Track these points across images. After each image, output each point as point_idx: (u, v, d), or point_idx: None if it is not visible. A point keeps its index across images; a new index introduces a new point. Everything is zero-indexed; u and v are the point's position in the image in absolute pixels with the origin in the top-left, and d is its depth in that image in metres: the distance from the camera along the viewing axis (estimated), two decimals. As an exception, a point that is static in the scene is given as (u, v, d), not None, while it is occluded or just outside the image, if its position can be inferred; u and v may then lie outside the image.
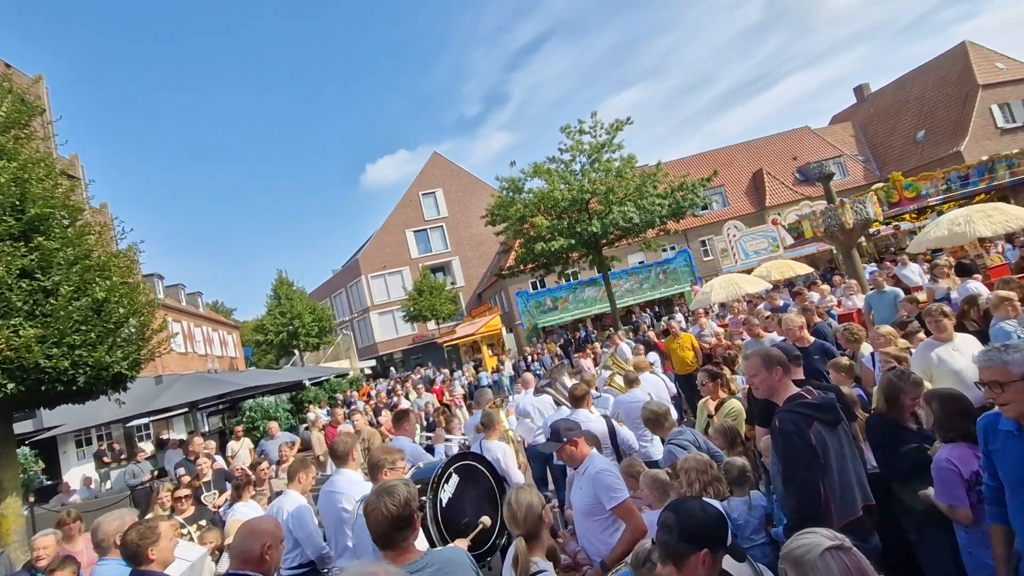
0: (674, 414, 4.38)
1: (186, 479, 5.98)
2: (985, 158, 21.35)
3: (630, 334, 15.60)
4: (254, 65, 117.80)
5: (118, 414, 9.39)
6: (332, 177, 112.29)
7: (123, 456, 13.07)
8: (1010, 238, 11.56)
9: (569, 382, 6.27)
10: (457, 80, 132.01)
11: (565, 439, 3.21)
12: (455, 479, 3.43)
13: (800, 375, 3.80)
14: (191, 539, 4.50)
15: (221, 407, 17.68)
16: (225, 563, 4.04)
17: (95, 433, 15.65)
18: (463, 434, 6.56)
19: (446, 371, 19.45)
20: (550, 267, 20.20)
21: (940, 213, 15.52)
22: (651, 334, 12.45)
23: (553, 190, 18.23)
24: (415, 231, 38.79)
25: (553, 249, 18.00)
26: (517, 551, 2.39)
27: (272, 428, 8.82)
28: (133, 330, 6.30)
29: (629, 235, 19.01)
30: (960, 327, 4.96)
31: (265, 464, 6.23)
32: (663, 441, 4.22)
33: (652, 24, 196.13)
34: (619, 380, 6.47)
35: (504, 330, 28.31)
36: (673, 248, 28.29)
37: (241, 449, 9.77)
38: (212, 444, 8.23)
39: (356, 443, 3.98)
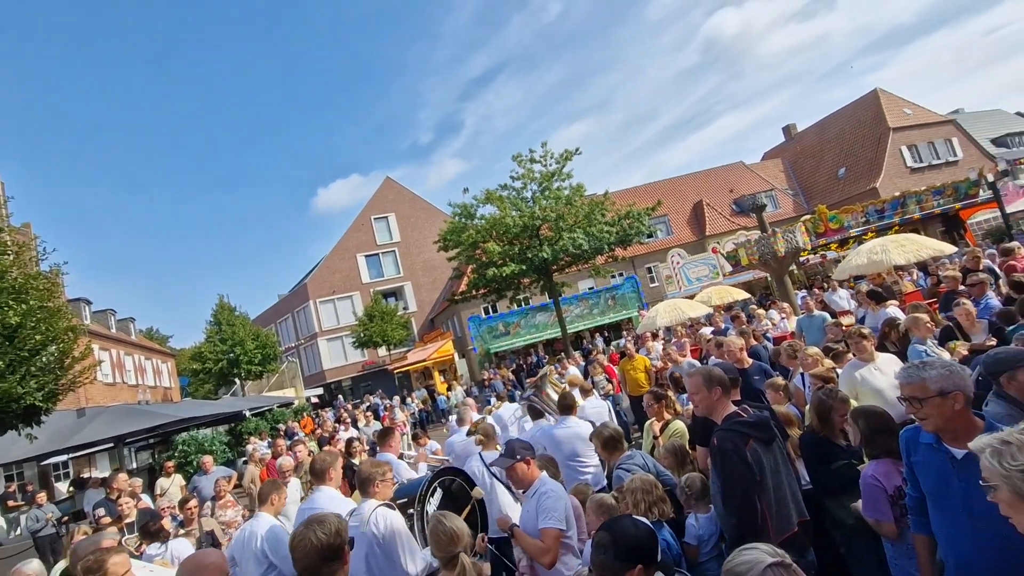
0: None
1: (106, 520, 5.50)
2: (897, 194, 23.39)
3: (580, 359, 15.82)
4: (203, 84, 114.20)
5: (31, 451, 8.60)
6: (282, 200, 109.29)
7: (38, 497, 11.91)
8: (923, 266, 12.63)
9: (553, 393, 6.18)
10: (411, 108, 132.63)
11: (519, 456, 3.18)
12: (439, 493, 3.41)
13: (737, 396, 3.95)
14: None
15: (152, 441, 16.50)
16: None
17: (3, 473, 14.21)
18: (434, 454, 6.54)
19: (388, 401, 18.96)
20: (502, 292, 20.33)
21: (861, 243, 16.79)
22: (601, 358, 12.68)
23: (505, 216, 18.51)
24: (367, 255, 38.16)
25: (505, 274, 18.17)
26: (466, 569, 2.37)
27: (206, 462, 8.30)
28: (51, 358, 5.81)
29: (579, 261, 19.47)
30: (882, 348, 5.39)
31: (194, 502, 5.80)
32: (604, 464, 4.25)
33: (598, 62, 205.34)
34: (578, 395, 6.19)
35: (456, 355, 28.05)
36: (621, 274, 29.13)
37: (171, 486, 9.13)
38: (138, 481, 7.63)
39: (337, 461, 3.89)
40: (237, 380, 25.96)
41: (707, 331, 10.77)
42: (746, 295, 17.81)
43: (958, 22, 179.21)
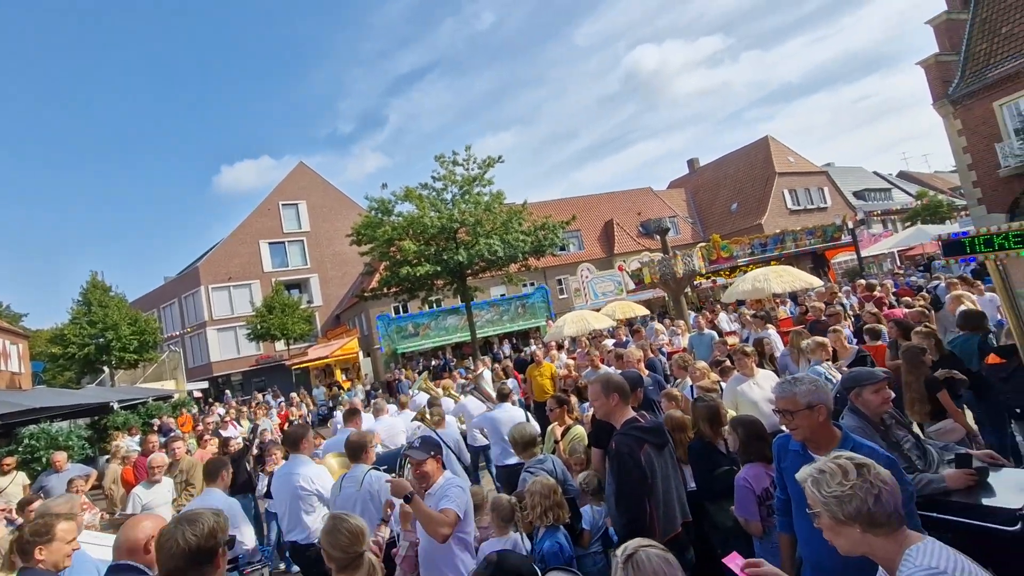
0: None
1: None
2: (778, 231, 26.21)
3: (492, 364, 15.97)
4: (98, 39, 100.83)
5: None
6: (178, 173, 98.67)
7: None
8: (794, 296, 14.25)
9: (490, 388, 7.63)
10: (334, 95, 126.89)
11: (432, 452, 3.18)
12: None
13: (641, 397, 4.17)
14: None
15: (-11, 434, 14.21)
16: None
17: None
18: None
19: (288, 396, 17.89)
20: (414, 292, 20.00)
21: (746, 272, 18.60)
22: (507, 363, 12.90)
23: (423, 216, 18.27)
24: (271, 243, 35.73)
25: (418, 274, 17.91)
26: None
27: (57, 460, 7.23)
28: None
29: (493, 267, 19.67)
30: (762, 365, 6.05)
31: (38, 503, 5.06)
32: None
33: (527, 77, 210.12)
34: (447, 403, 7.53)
35: (361, 354, 27.08)
36: (533, 284, 29.83)
37: (10, 485, 7.91)
38: None
39: (309, 432, 4.34)
40: (106, 368, 23.02)
41: (609, 343, 11.37)
42: (646, 311, 18.99)
43: (834, 88, 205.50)
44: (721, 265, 23.66)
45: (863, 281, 12.71)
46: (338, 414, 9.60)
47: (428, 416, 5.96)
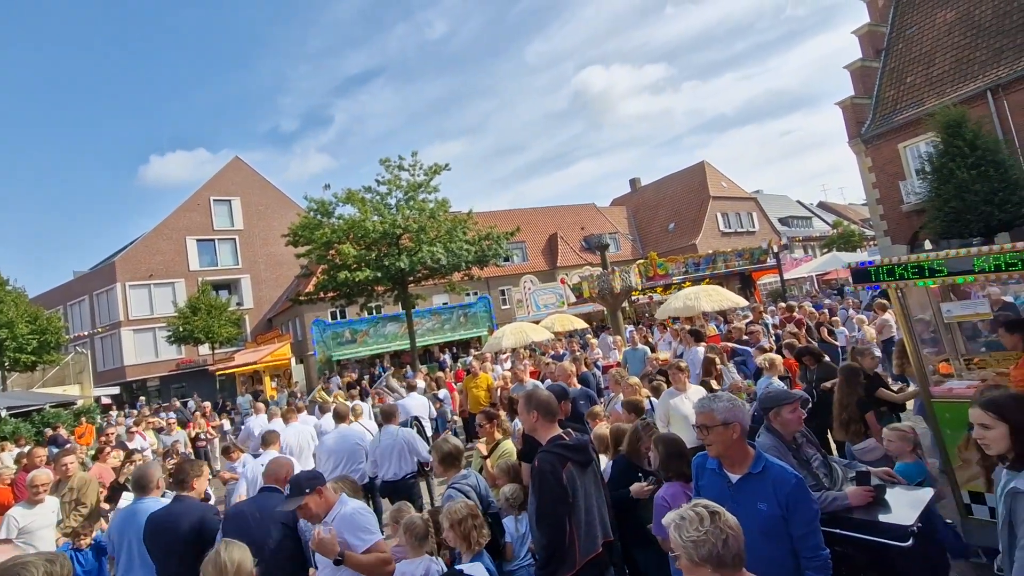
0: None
1: None
2: (711, 252, 27.56)
3: (430, 374, 15.71)
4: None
5: None
6: (100, 159, 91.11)
7: None
8: (723, 314, 14.97)
9: (398, 385, 8.76)
10: (276, 90, 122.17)
11: (307, 490, 2.89)
12: None
13: (568, 409, 4.16)
14: None
15: None
16: None
17: None
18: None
19: (205, 404, 16.77)
20: (353, 298, 19.38)
21: (680, 289, 19.39)
22: (440, 374, 12.74)
23: (365, 220, 17.79)
24: (199, 240, 33.59)
25: (358, 280, 17.36)
26: None
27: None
28: None
29: (436, 275, 19.41)
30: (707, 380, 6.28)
31: None
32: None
33: (477, 88, 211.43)
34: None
35: (293, 360, 25.90)
36: (475, 293, 29.76)
37: None
38: None
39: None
40: (-2, 370, 20.70)
41: (547, 357, 11.46)
42: (585, 325, 19.35)
43: (763, 122, 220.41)
44: (657, 282, 24.56)
45: (783, 304, 13.58)
46: (249, 421, 9.21)
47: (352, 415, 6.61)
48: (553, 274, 32.63)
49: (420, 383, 11.35)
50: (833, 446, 5.31)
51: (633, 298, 24.24)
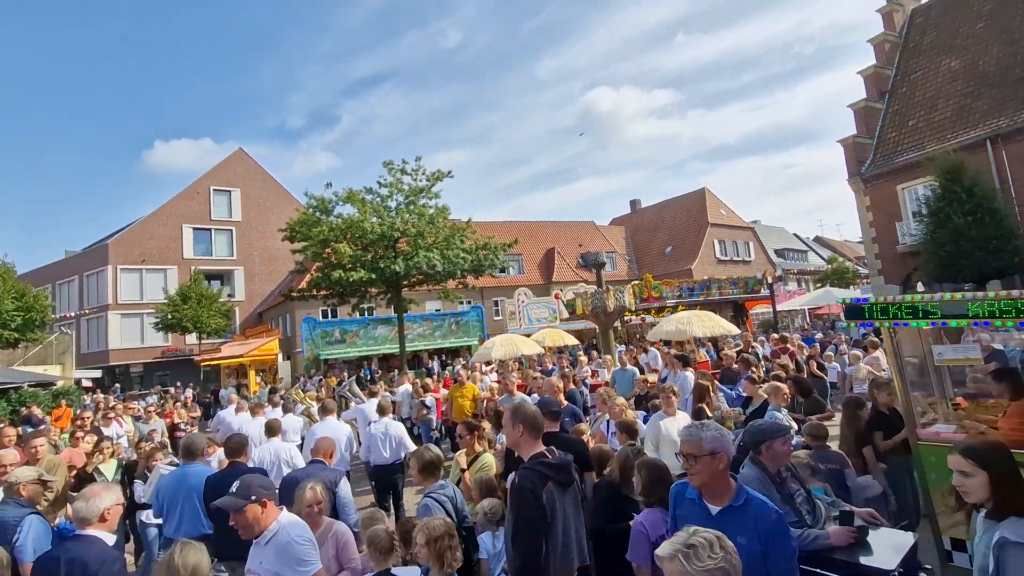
0: None
1: None
2: (706, 278, 27.68)
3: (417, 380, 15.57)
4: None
5: None
6: (105, 139, 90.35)
7: None
8: (713, 341, 14.97)
9: (359, 389, 8.80)
10: (286, 87, 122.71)
11: (253, 497, 2.73)
12: None
13: (555, 427, 4.04)
14: None
15: None
16: None
17: None
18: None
19: (186, 394, 16.52)
20: (345, 298, 19.27)
21: (673, 313, 19.41)
22: (427, 381, 12.62)
23: (363, 220, 17.75)
24: (196, 228, 33.45)
25: (352, 280, 17.27)
26: None
27: None
28: None
29: (430, 281, 19.35)
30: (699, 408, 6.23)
31: None
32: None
33: (484, 100, 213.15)
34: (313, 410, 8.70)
35: (281, 356, 25.64)
36: (469, 302, 29.65)
37: None
38: None
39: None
40: (-23, 346, 20.34)
41: (535, 371, 11.39)
42: (576, 341, 19.29)
43: (766, 154, 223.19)
44: (651, 304, 24.58)
45: (776, 335, 13.58)
46: (221, 413, 9.44)
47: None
48: (548, 288, 32.62)
49: (407, 387, 11.25)
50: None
51: (626, 318, 24.24)
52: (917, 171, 17.39)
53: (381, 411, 6.92)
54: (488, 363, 13.91)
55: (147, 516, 5.67)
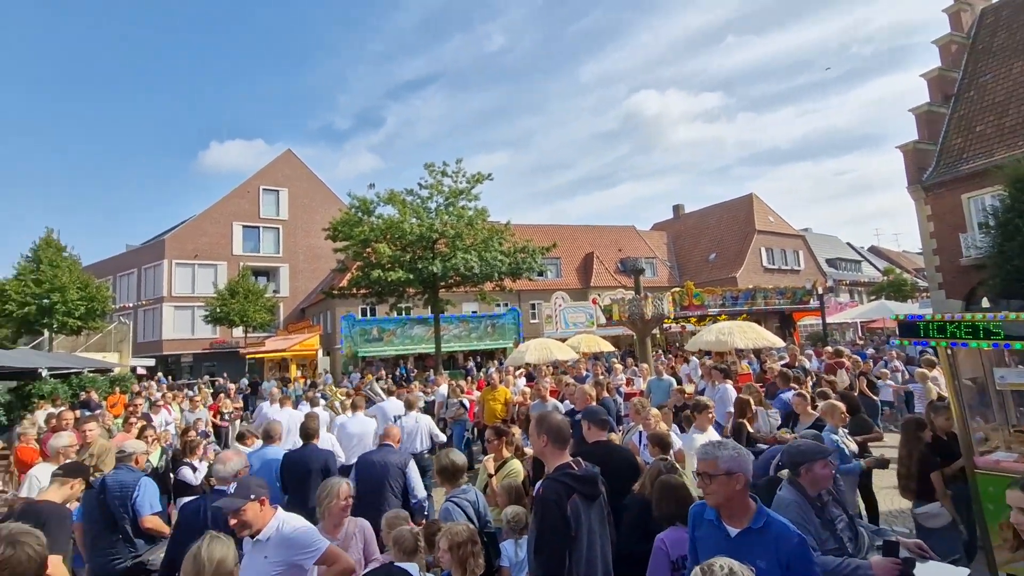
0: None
1: None
2: (751, 287, 26.79)
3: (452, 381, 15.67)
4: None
5: None
6: (164, 140, 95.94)
7: None
8: (757, 353, 14.44)
9: (380, 389, 9.44)
10: (334, 89, 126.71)
11: (253, 495, 2.81)
12: None
13: (603, 436, 3.95)
14: None
15: (-99, 385, 13.17)
16: None
17: None
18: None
19: (230, 386, 17.20)
20: (384, 297, 19.64)
21: (714, 322, 18.85)
22: (463, 382, 12.68)
23: (403, 221, 18.06)
24: (245, 226, 34.88)
25: (390, 279, 17.59)
26: None
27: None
28: None
29: (467, 283, 19.49)
30: (739, 425, 6.00)
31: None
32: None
33: (526, 103, 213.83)
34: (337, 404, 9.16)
35: (320, 352, 26.41)
36: (506, 305, 29.71)
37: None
38: None
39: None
40: (46, 332, 21.80)
41: (569, 377, 11.24)
42: (612, 348, 19.01)
43: (818, 159, 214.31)
44: (692, 312, 23.99)
45: (830, 348, 12.89)
46: (263, 406, 9.65)
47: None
48: (585, 293, 32.33)
49: (444, 388, 11.32)
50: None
51: (665, 326, 23.72)
52: (984, 179, 16.28)
53: (409, 406, 7.30)
54: (518, 368, 13.86)
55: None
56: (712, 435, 4.93)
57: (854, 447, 5.00)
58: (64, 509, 3.55)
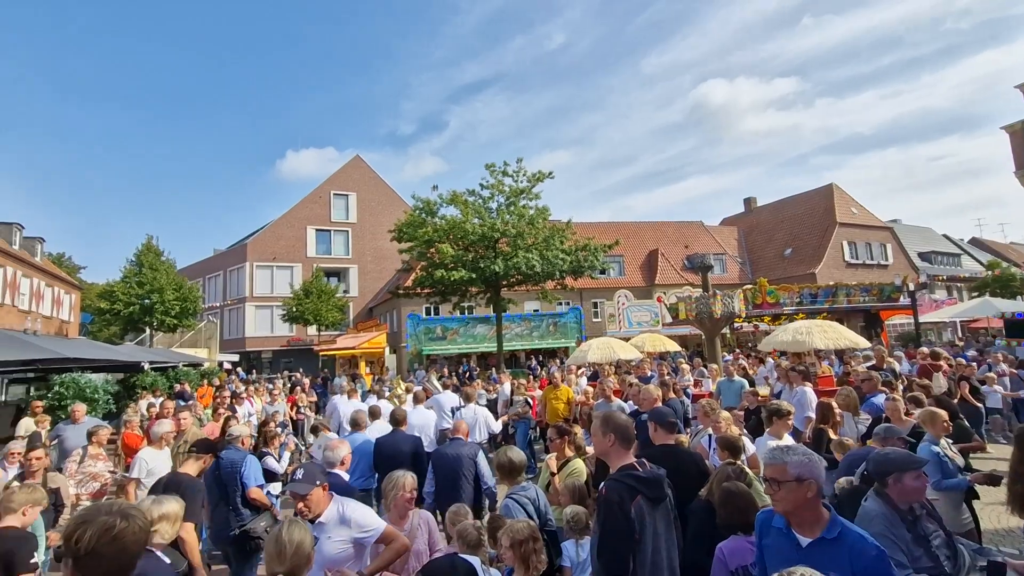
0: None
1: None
2: (832, 283, 25.03)
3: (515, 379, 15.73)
4: (188, 12, 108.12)
5: None
6: (245, 151, 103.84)
7: None
8: (839, 354, 13.43)
9: (437, 383, 9.88)
10: (398, 95, 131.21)
11: (318, 481, 3.06)
12: None
13: (670, 439, 3.86)
14: None
15: (31, 375, 14.97)
16: None
17: None
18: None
19: (305, 380, 18.16)
20: (447, 296, 20.03)
21: (791, 321, 17.74)
22: (524, 381, 12.65)
23: (465, 221, 18.32)
24: (317, 229, 36.83)
25: (453, 279, 17.91)
26: None
27: (76, 411, 7.44)
28: None
29: (529, 282, 19.49)
30: (820, 430, 5.56)
31: (40, 452, 5.19)
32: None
33: (587, 100, 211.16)
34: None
35: (388, 350, 27.36)
36: (567, 303, 29.47)
37: (35, 429, 8.24)
38: None
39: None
40: (147, 329, 24.09)
41: (633, 377, 10.94)
42: (678, 347, 18.37)
43: (908, 144, 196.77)
44: (765, 311, 22.73)
45: (926, 350, 11.66)
46: (335, 399, 10.02)
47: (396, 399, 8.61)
48: (650, 291, 31.48)
49: (507, 387, 11.37)
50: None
51: (736, 325, 22.64)
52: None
53: (467, 398, 7.77)
54: (580, 367, 13.66)
55: (274, 488, 6.25)
56: (788, 442, 4.60)
57: (960, 460, 4.49)
58: (198, 482, 4.09)
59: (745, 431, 6.19)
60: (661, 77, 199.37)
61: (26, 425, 8.25)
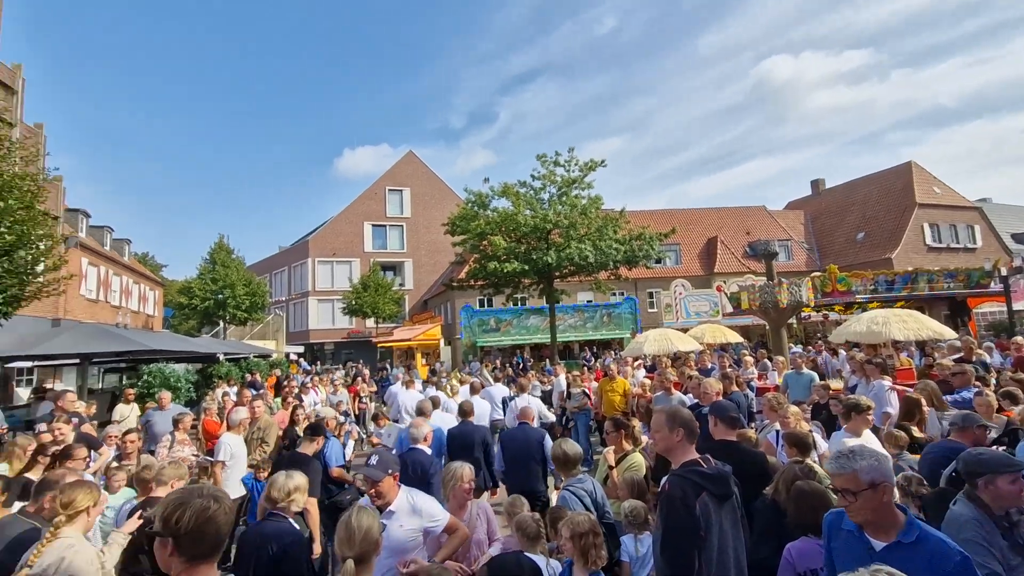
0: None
1: (46, 437, 5.34)
2: (911, 269, 23.22)
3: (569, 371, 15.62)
4: (251, 22, 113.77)
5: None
6: (306, 152, 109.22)
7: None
8: (921, 345, 12.44)
9: (488, 375, 10.31)
10: (449, 90, 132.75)
11: (390, 470, 3.13)
12: None
13: (731, 435, 3.72)
14: None
15: (123, 365, 16.37)
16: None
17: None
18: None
19: (365, 371, 18.83)
20: (500, 288, 20.16)
21: (864, 310, 16.61)
22: (577, 373, 12.50)
23: (517, 213, 18.32)
24: (374, 224, 38.02)
25: (506, 271, 17.99)
26: (344, 573, 2.26)
27: (163, 398, 8.10)
28: (21, 262, 5.57)
29: (582, 272, 19.29)
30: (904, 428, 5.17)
31: (134, 435, 5.68)
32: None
33: (639, 84, 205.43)
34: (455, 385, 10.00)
35: (442, 341, 27.90)
36: (622, 294, 28.97)
37: (131, 414, 9.01)
38: (81, 404, 7.54)
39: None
40: (221, 322, 25.81)
41: (692, 370, 10.60)
42: (739, 338, 17.64)
43: (998, 115, 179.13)
44: (835, 299, 21.41)
45: (1020, 339, 10.57)
46: (394, 388, 10.30)
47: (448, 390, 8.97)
48: (709, 280, 30.39)
49: (562, 379, 11.30)
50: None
51: (803, 315, 21.49)
52: None
53: (521, 389, 8.14)
54: (636, 358, 13.38)
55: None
56: (869, 439, 4.30)
57: None
58: (315, 461, 4.58)
59: (818, 424, 5.85)
60: (719, 57, 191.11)
61: (121, 411, 9.02)
